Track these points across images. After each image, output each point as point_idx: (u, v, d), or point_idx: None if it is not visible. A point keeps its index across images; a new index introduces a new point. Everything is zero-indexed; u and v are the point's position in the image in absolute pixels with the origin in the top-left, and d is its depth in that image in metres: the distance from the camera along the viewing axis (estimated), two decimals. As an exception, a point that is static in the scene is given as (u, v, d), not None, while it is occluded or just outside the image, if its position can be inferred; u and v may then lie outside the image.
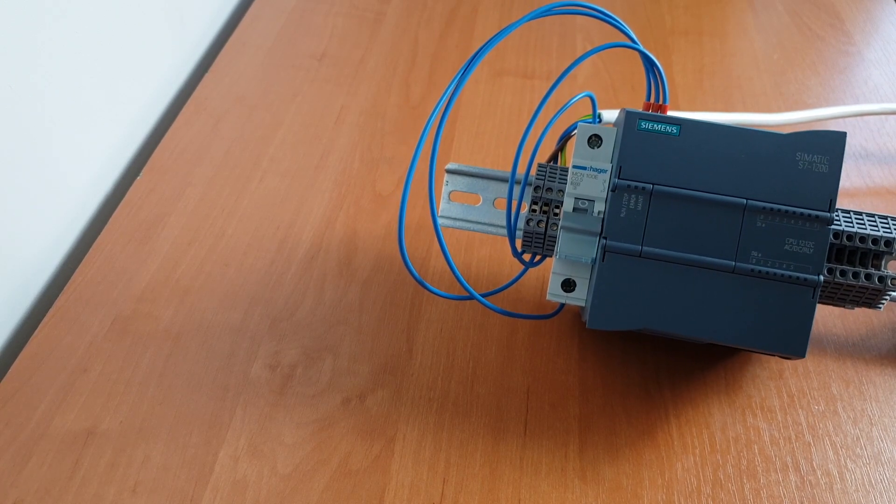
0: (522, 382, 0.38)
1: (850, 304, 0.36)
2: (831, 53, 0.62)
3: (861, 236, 0.34)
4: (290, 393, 0.37)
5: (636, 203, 0.34)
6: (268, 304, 0.41)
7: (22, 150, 0.42)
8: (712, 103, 0.56)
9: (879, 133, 0.54)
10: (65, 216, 0.46)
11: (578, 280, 0.35)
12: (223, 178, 0.49)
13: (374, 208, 0.47)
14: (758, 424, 0.36)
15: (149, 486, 0.33)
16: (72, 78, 0.46)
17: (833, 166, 0.33)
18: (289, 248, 0.44)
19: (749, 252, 0.33)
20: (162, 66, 0.57)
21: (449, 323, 0.40)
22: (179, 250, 0.44)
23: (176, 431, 0.35)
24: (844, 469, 0.35)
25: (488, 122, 0.54)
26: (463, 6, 0.67)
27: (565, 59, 0.60)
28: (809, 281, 0.33)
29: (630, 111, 0.34)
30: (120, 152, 0.52)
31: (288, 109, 0.54)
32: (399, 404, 0.37)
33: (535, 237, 0.36)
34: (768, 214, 0.33)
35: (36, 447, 0.34)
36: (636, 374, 0.38)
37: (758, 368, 0.39)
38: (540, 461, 0.35)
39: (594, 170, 0.34)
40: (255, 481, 0.34)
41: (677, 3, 0.68)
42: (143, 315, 0.40)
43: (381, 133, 0.53)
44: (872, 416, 0.37)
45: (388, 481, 0.34)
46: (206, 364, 0.38)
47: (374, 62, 0.59)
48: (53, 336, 0.39)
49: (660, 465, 0.35)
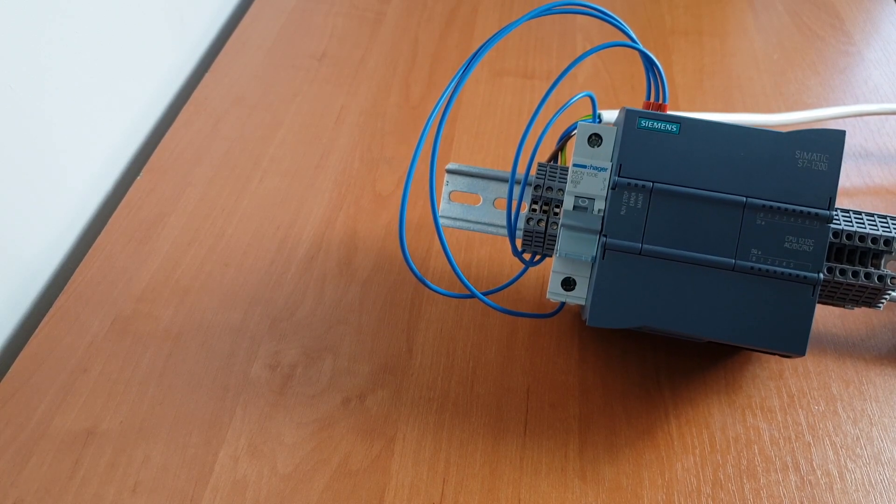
0: (522, 382, 0.38)
1: (850, 303, 0.36)
2: (831, 53, 0.62)
3: (861, 235, 0.34)
4: (290, 393, 0.37)
5: (636, 201, 0.34)
6: (268, 304, 0.41)
7: (22, 150, 0.42)
8: (712, 103, 0.56)
9: (879, 133, 0.54)
10: (65, 216, 0.46)
11: (578, 279, 0.35)
12: (223, 178, 0.49)
13: (374, 208, 0.47)
14: (758, 424, 0.36)
15: (149, 486, 0.33)
16: (72, 78, 0.46)
17: (832, 165, 0.33)
18: (289, 248, 0.44)
19: (749, 250, 0.33)
20: (162, 66, 0.57)
21: (449, 323, 0.40)
22: (179, 250, 0.44)
23: (176, 431, 0.35)
24: (844, 469, 0.35)
25: (488, 122, 0.54)
26: (463, 6, 0.67)
27: (565, 59, 0.60)
28: (809, 279, 0.33)
29: (630, 110, 0.34)
30: (120, 152, 0.52)
31: (288, 109, 0.54)
32: (399, 404, 0.37)
33: (535, 236, 0.36)
34: (768, 212, 0.33)
35: (36, 447, 0.34)
36: (636, 374, 0.38)
37: (758, 368, 0.39)
38: (540, 461, 0.35)
39: (594, 168, 0.34)
40: (255, 481, 0.34)
41: (677, 3, 0.68)
42: (143, 315, 0.40)
43: (381, 133, 0.53)
44: (872, 416, 0.37)
45: (388, 481, 0.34)
46: (206, 364, 0.38)
47: (374, 62, 0.59)
48: (53, 336, 0.39)
49: (660, 465, 0.35)
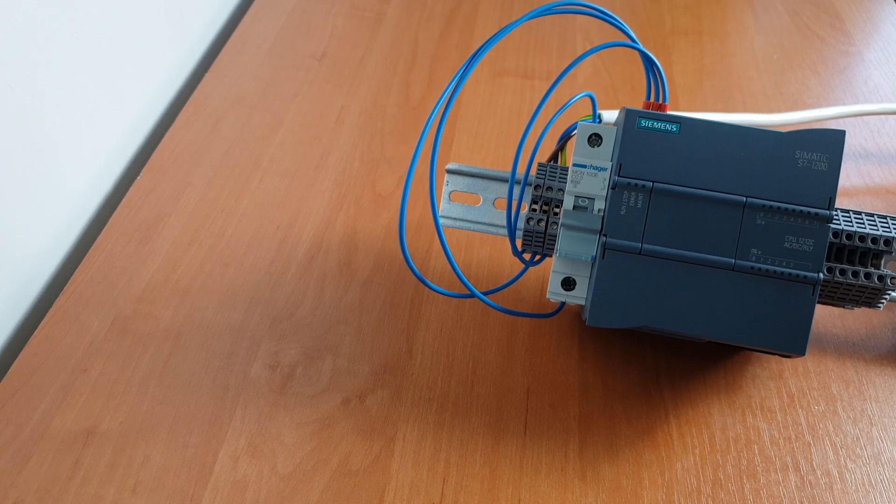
0: (522, 382, 0.38)
1: (850, 303, 0.36)
2: (831, 53, 0.62)
3: (861, 235, 0.34)
4: (290, 393, 0.37)
5: (636, 201, 0.34)
6: (268, 304, 0.41)
7: (22, 150, 0.42)
8: (712, 103, 0.56)
9: (879, 133, 0.54)
10: (65, 216, 0.46)
11: (578, 279, 0.35)
12: (223, 179, 0.49)
13: (374, 208, 0.47)
14: (758, 424, 0.36)
15: (149, 486, 0.33)
16: (72, 78, 0.46)
17: (832, 164, 0.33)
18: (289, 248, 0.44)
19: (749, 249, 0.33)
20: (162, 66, 0.57)
21: (449, 323, 0.40)
22: (179, 250, 0.44)
23: (176, 431, 0.35)
24: (844, 469, 0.35)
25: (488, 122, 0.54)
26: (463, 6, 0.67)
27: (565, 59, 0.60)
28: (809, 278, 0.33)
29: (630, 109, 0.34)
30: (120, 152, 0.52)
31: (288, 109, 0.54)
32: (399, 404, 0.37)
33: (535, 236, 0.36)
34: (768, 212, 0.33)
35: (36, 447, 0.34)
36: (636, 374, 0.38)
37: (758, 368, 0.39)
38: (540, 461, 0.35)
39: (594, 168, 0.34)
40: (255, 481, 0.34)
41: (677, 3, 0.68)
42: (143, 315, 0.40)
43: (381, 133, 0.53)
44: (872, 416, 0.37)
45: (388, 481, 0.34)
46: (206, 364, 0.38)
47: (374, 62, 0.59)
48: (53, 336, 0.39)
49: (660, 465, 0.35)
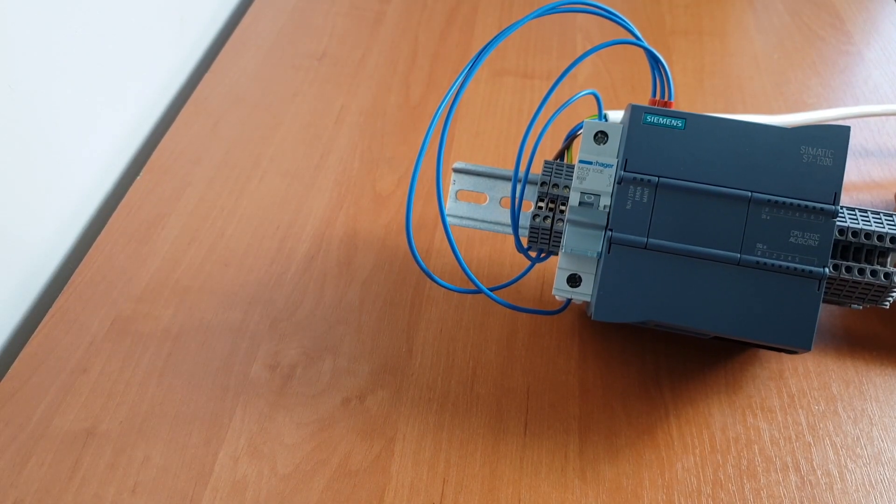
0: (522, 382, 0.38)
1: (856, 301, 0.36)
2: (831, 53, 0.62)
3: (867, 232, 0.34)
4: (290, 393, 0.37)
5: (642, 195, 0.34)
6: (268, 304, 0.41)
7: (22, 150, 0.42)
8: (712, 103, 0.56)
9: (879, 133, 0.54)
10: (65, 216, 0.46)
11: (584, 275, 0.35)
12: (223, 179, 0.49)
13: (374, 208, 0.47)
14: (758, 424, 0.36)
15: (148, 486, 0.33)
16: (72, 78, 0.46)
17: (837, 160, 0.33)
18: (289, 248, 0.44)
19: (754, 244, 0.33)
20: (161, 66, 0.57)
21: (449, 323, 0.40)
22: (179, 250, 0.44)
23: (176, 431, 0.35)
24: (845, 469, 0.35)
25: (488, 121, 0.54)
26: (463, 6, 0.67)
27: (565, 58, 0.60)
28: (815, 273, 0.33)
29: (636, 105, 0.34)
30: (120, 152, 0.52)
31: (288, 109, 0.54)
32: (399, 404, 0.37)
33: (541, 233, 0.36)
34: (773, 207, 0.33)
35: (36, 447, 0.34)
36: (636, 374, 0.38)
37: (758, 368, 0.39)
38: (540, 461, 0.35)
39: (600, 165, 0.34)
40: (254, 481, 0.34)
41: (677, 3, 0.68)
42: (143, 315, 0.40)
43: (381, 133, 0.53)
44: (872, 416, 0.37)
45: (388, 481, 0.34)
46: (206, 364, 0.38)
47: (374, 62, 0.59)
48: (53, 336, 0.39)
49: (660, 465, 0.35)
